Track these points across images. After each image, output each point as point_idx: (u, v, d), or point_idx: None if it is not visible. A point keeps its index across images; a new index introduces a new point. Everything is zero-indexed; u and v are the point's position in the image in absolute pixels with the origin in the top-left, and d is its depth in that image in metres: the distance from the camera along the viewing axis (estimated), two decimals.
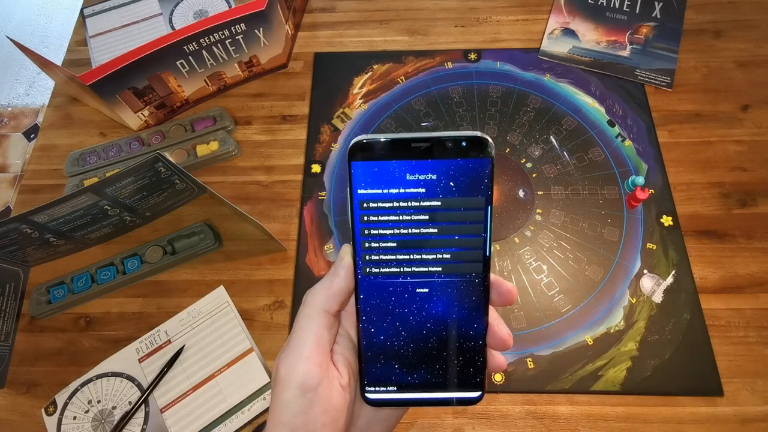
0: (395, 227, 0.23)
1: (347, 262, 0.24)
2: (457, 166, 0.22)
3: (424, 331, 0.24)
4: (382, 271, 0.24)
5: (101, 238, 0.55)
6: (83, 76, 0.52)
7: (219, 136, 0.60)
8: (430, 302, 0.24)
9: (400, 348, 0.25)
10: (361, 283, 0.24)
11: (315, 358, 0.23)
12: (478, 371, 0.25)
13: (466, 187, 0.22)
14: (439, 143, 0.22)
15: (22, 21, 1.77)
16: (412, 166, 0.22)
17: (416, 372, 0.25)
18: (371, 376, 0.25)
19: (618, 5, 0.68)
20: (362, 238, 0.23)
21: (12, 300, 0.52)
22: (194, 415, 0.47)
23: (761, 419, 0.45)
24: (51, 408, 0.48)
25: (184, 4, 0.70)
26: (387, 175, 0.22)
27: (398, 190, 0.22)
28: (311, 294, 0.25)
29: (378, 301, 0.24)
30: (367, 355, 0.25)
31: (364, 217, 0.23)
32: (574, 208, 0.55)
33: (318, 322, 0.24)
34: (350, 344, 0.26)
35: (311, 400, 0.22)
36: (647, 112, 0.61)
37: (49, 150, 0.62)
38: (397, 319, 0.24)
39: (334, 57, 0.67)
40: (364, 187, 0.23)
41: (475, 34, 0.67)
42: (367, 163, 0.22)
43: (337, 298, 0.24)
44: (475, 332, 0.24)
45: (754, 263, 0.52)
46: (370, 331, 0.24)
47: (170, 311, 0.52)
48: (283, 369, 0.23)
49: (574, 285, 0.52)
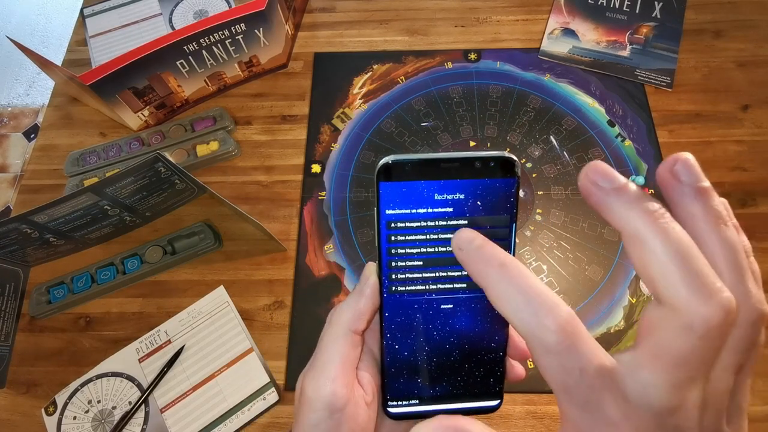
0: (422, 246, 0.23)
1: (373, 281, 0.24)
2: (485, 185, 0.22)
3: (447, 345, 0.24)
4: (407, 289, 0.24)
5: (101, 238, 0.55)
6: (83, 76, 0.52)
7: (219, 136, 0.60)
8: (453, 317, 0.24)
9: (422, 362, 0.25)
10: (386, 301, 0.24)
11: (342, 378, 0.23)
12: (497, 381, 0.25)
13: (492, 206, 0.22)
14: (468, 163, 0.22)
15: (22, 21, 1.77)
16: (441, 186, 0.22)
17: (438, 384, 0.25)
18: (394, 391, 0.25)
19: (618, 5, 0.68)
20: (389, 257, 0.23)
21: (12, 300, 0.52)
22: (194, 415, 0.47)
23: (761, 419, 0.45)
24: (51, 408, 0.48)
25: (184, 4, 0.70)
26: (415, 195, 0.22)
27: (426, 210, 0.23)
28: (337, 313, 0.25)
29: (403, 319, 0.24)
30: (390, 371, 0.25)
31: (391, 237, 0.23)
32: (574, 208, 0.55)
33: (344, 342, 0.24)
34: (373, 361, 0.26)
35: (339, 420, 0.22)
36: (647, 112, 0.61)
37: (49, 150, 0.62)
38: (421, 335, 0.24)
39: (334, 57, 0.67)
40: (392, 208, 0.23)
41: (475, 34, 0.67)
42: (396, 184, 0.22)
43: (363, 318, 0.24)
44: (497, 344, 0.24)
45: None
46: (394, 347, 0.25)
47: (170, 311, 0.52)
48: (310, 389, 0.23)
49: (574, 285, 0.52)
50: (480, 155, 0.22)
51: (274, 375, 0.49)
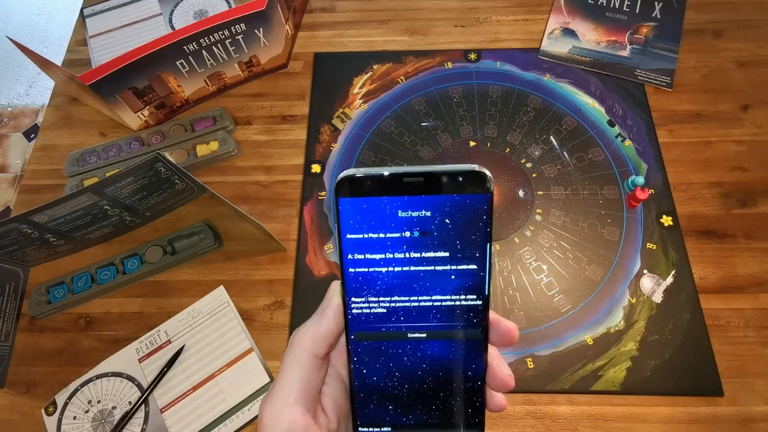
0: (387, 265, 0.22)
1: (336, 303, 0.23)
2: (454, 202, 0.20)
3: (420, 371, 0.23)
4: (373, 310, 0.22)
5: (101, 238, 0.55)
6: (83, 76, 0.52)
7: (219, 136, 0.60)
8: (425, 342, 0.23)
9: (394, 389, 0.23)
10: (351, 323, 0.23)
11: (302, 404, 0.22)
12: (477, 412, 0.23)
13: (463, 225, 0.21)
14: (433, 178, 0.20)
15: (22, 21, 1.77)
16: (405, 202, 0.20)
17: (412, 413, 0.24)
18: (364, 418, 0.24)
19: (618, 5, 0.68)
20: (351, 277, 0.22)
21: (12, 300, 0.52)
22: (194, 415, 0.47)
23: (761, 419, 0.45)
24: (51, 408, 0.48)
25: (184, 4, 0.70)
26: (377, 212, 0.21)
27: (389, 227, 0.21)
28: (298, 335, 0.23)
29: (370, 342, 0.23)
30: (359, 395, 0.24)
31: (353, 256, 0.22)
32: (574, 208, 0.55)
33: (305, 366, 0.22)
34: (341, 386, 0.24)
35: None
36: (647, 112, 0.61)
37: (49, 150, 0.62)
38: (391, 360, 0.23)
39: (334, 57, 0.67)
40: (353, 225, 0.21)
41: (475, 34, 0.67)
42: (356, 200, 0.21)
43: (326, 341, 0.23)
44: (474, 373, 0.23)
45: (754, 263, 0.52)
46: (362, 371, 0.23)
47: (170, 311, 0.52)
48: (267, 417, 0.22)
49: (574, 285, 0.52)
50: (447, 169, 0.20)
51: (274, 375, 0.49)
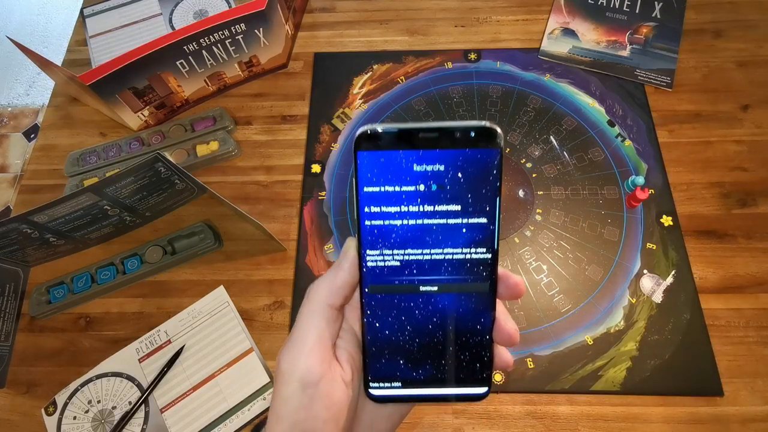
0: (401, 218, 0.22)
1: (351, 255, 0.23)
2: (466, 156, 0.21)
3: (430, 325, 0.24)
4: (387, 264, 0.23)
5: (101, 238, 0.55)
6: (83, 76, 0.52)
7: (219, 136, 0.60)
8: (436, 296, 0.23)
9: (405, 343, 0.24)
10: (366, 276, 0.23)
11: (317, 353, 0.23)
12: (484, 367, 0.24)
13: (474, 178, 0.22)
14: (447, 133, 0.21)
15: (22, 21, 1.77)
16: (419, 156, 0.21)
17: (421, 367, 0.24)
18: (375, 372, 0.24)
19: (618, 5, 0.68)
20: (367, 230, 0.23)
21: (12, 300, 0.52)
22: (194, 415, 0.47)
23: (761, 419, 0.45)
24: (51, 408, 0.48)
25: (184, 4, 0.70)
26: (393, 165, 0.22)
27: (405, 180, 0.22)
28: (314, 288, 0.24)
29: (383, 295, 0.23)
30: (371, 350, 0.24)
31: (369, 209, 0.22)
32: (574, 208, 0.55)
33: (320, 317, 0.23)
34: (354, 339, 0.25)
35: (312, 395, 0.22)
36: (647, 112, 0.61)
37: (49, 150, 0.62)
38: (403, 314, 0.24)
39: (334, 57, 0.67)
40: (370, 178, 0.22)
41: (475, 34, 0.67)
42: (374, 153, 0.22)
43: (341, 292, 0.24)
44: (482, 327, 0.24)
45: (754, 263, 0.52)
46: (374, 325, 0.24)
47: (170, 311, 0.52)
48: (284, 364, 0.23)
49: (574, 285, 0.52)
50: (459, 125, 0.21)
51: (274, 375, 0.49)
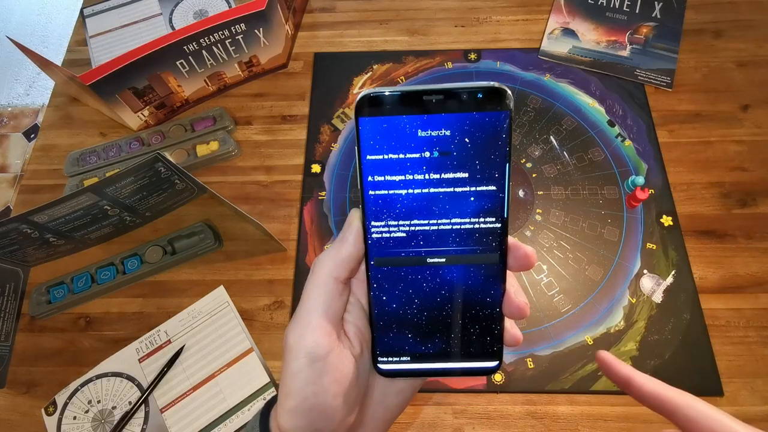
0: (407, 187, 0.21)
1: (356, 227, 0.23)
2: (473, 120, 0.20)
3: (439, 298, 0.23)
4: (393, 234, 0.22)
5: (101, 238, 0.55)
6: (83, 76, 0.52)
7: (219, 136, 0.60)
8: (444, 267, 0.22)
9: (413, 316, 0.23)
10: (371, 248, 0.23)
11: (324, 326, 0.22)
12: (495, 339, 0.23)
13: (482, 143, 0.21)
14: (453, 95, 0.20)
15: (22, 21, 1.77)
16: (424, 121, 0.20)
17: (431, 341, 0.23)
18: (383, 346, 0.24)
19: (618, 5, 0.68)
20: (371, 200, 0.22)
21: (12, 300, 0.52)
22: (194, 415, 0.47)
23: (761, 419, 0.45)
24: (51, 408, 0.48)
25: (184, 4, 0.70)
26: (397, 131, 0.21)
27: (409, 147, 0.21)
28: (319, 261, 0.23)
29: (389, 268, 0.23)
30: (378, 324, 0.24)
31: (372, 178, 0.21)
32: (574, 208, 0.55)
33: (326, 290, 0.23)
34: (362, 313, 0.25)
35: (321, 369, 0.22)
36: (647, 112, 0.61)
37: (49, 150, 0.62)
38: (410, 286, 0.23)
39: (334, 57, 0.67)
40: (373, 145, 0.21)
41: (475, 34, 0.67)
42: (376, 119, 0.21)
43: (346, 265, 0.23)
44: (492, 299, 0.23)
45: (754, 263, 0.52)
46: (381, 299, 0.23)
47: (170, 311, 0.52)
48: (292, 338, 0.22)
49: (574, 285, 0.52)
50: (466, 86, 0.20)
51: (274, 375, 0.49)
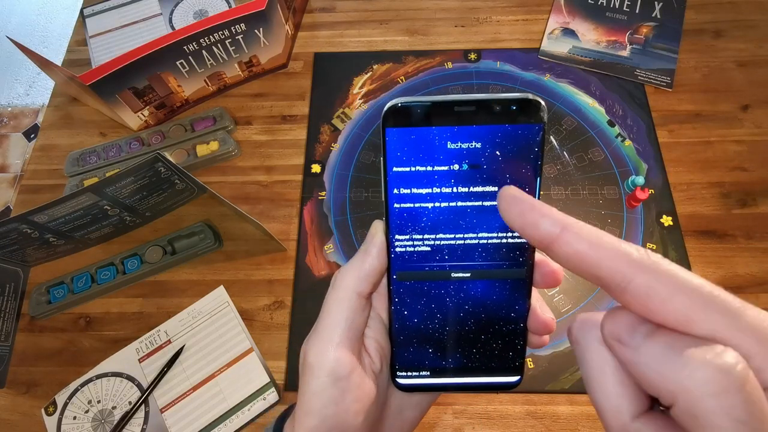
0: (434, 200, 0.21)
1: (380, 240, 0.22)
2: (505, 132, 0.19)
3: (462, 312, 0.22)
4: (417, 248, 0.22)
5: (101, 238, 0.55)
6: (83, 76, 0.52)
7: (219, 136, 0.60)
8: (468, 282, 0.22)
9: (434, 332, 0.23)
10: (394, 262, 0.22)
11: (347, 344, 0.21)
12: (517, 355, 0.23)
13: (514, 157, 0.20)
14: (485, 107, 0.19)
15: (22, 21, 1.77)
16: (454, 132, 0.20)
17: (451, 356, 0.23)
18: (403, 361, 0.23)
19: (618, 5, 0.68)
20: (396, 213, 0.21)
21: (12, 300, 0.52)
22: (194, 415, 0.47)
23: None
24: (51, 408, 0.48)
25: (184, 4, 0.70)
26: (425, 143, 0.20)
27: (438, 159, 0.20)
28: (341, 275, 0.23)
29: (412, 282, 0.22)
30: (399, 338, 0.23)
31: (398, 191, 0.21)
32: (574, 208, 0.55)
33: (349, 306, 0.22)
34: (382, 328, 0.24)
35: (343, 389, 0.21)
36: (647, 112, 0.61)
37: (49, 150, 0.62)
38: (433, 301, 0.22)
39: (334, 57, 0.67)
40: (400, 157, 0.20)
41: (475, 34, 0.67)
42: (404, 130, 0.20)
43: (370, 280, 0.22)
44: (516, 314, 0.22)
45: (754, 263, 0.52)
46: (403, 313, 0.23)
47: (170, 311, 0.52)
48: (312, 356, 0.21)
49: (574, 285, 0.52)
50: (500, 97, 0.19)
51: (274, 375, 0.49)
